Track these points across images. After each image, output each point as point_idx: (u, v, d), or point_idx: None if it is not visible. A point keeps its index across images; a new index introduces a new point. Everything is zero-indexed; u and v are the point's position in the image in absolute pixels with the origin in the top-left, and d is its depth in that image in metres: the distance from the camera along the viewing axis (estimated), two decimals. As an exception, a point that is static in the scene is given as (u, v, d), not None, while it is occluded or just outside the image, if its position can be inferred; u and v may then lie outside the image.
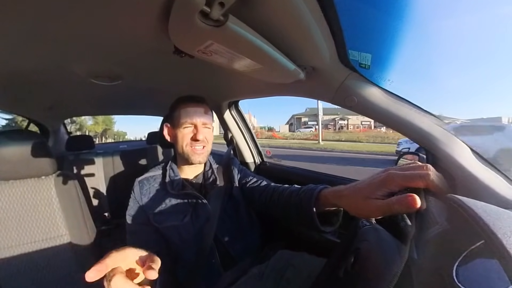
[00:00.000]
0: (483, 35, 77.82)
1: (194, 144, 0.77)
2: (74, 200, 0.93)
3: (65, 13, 0.44)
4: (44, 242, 0.85)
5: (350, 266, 0.49)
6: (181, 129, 0.77)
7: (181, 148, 0.78)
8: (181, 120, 0.77)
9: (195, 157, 0.78)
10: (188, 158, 0.78)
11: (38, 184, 0.89)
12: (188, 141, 0.77)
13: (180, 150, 0.79)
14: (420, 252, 0.34)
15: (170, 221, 0.76)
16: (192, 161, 0.78)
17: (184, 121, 0.77)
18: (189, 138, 0.77)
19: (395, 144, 9.80)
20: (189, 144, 0.77)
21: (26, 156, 0.82)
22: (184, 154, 0.78)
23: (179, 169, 0.85)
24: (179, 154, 0.82)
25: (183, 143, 0.77)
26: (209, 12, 0.38)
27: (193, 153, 0.77)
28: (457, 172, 0.54)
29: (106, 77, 0.86)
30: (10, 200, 0.84)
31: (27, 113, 1.53)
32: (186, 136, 0.77)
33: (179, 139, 0.78)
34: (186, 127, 0.77)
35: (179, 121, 0.77)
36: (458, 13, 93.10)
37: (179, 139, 0.78)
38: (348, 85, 0.67)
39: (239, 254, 0.82)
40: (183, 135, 0.77)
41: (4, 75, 0.77)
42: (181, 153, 0.79)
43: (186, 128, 0.77)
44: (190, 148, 0.77)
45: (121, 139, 24.81)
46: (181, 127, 0.77)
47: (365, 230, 0.56)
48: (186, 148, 0.77)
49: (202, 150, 0.79)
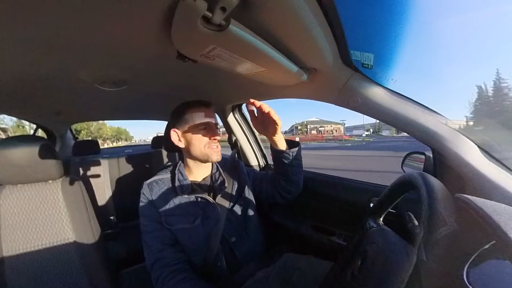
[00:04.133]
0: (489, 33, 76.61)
1: (211, 144, 0.80)
2: (80, 204, 0.95)
3: (70, 21, 0.45)
4: (51, 245, 0.86)
5: (358, 269, 0.48)
6: (197, 131, 0.79)
7: (198, 149, 0.79)
8: (196, 122, 0.79)
9: (214, 156, 0.80)
10: (208, 157, 0.80)
11: (45, 188, 0.91)
12: (206, 141, 0.79)
13: (197, 152, 0.80)
14: (429, 253, 0.33)
15: (181, 224, 0.77)
16: (211, 159, 0.81)
17: (200, 122, 0.79)
18: (207, 139, 0.79)
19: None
20: (207, 144, 0.79)
21: (34, 160, 0.83)
22: (203, 154, 0.80)
23: (187, 172, 0.85)
24: (194, 157, 0.82)
25: (202, 144, 0.79)
26: (211, 17, 0.39)
27: (212, 152, 0.80)
28: (465, 171, 0.53)
29: (112, 83, 0.88)
30: (18, 203, 0.86)
31: (35, 118, 1.56)
32: (204, 138, 0.79)
33: (196, 141, 0.79)
34: (202, 128, 0.79)
35: (194, 124, 0.79)
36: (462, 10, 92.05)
37: (195, 141, 0.79)
38: (351, 85, 0.67)
39: (245, 256, 0.82)
40: (201, 137, 0.79)
41: (13, 82, 0.79)
42: (198, 155, 0.80)
43: (202, 129, 0.79)
44: (208, 148, 0.80)
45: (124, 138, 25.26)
46: (196, 128, 0.79)
47: (372, 232, 0.55)
48: (205, 148, 0.79)
49: (218, 149, 0.82)
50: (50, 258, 0.85)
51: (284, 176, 0.84)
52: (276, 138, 0.76)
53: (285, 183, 0.86)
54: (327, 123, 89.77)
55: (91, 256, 0.91)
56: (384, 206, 0.60)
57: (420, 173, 0.45)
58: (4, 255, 0.80)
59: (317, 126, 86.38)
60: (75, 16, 0.44)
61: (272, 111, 0.65)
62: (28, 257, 0.82)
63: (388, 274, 0.39)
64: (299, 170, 0.84)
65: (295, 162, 0.81)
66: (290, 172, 0.83)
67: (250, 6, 0.41)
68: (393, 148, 17.34)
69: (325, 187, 1.10)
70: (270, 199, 0.93)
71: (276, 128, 0.71)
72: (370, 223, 0.59)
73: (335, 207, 1.03)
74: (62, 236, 0.88)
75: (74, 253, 0.88)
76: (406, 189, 0.53)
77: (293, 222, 1.13)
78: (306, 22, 0.45)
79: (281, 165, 0.82)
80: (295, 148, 0.80)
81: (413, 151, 0.80)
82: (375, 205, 0.63)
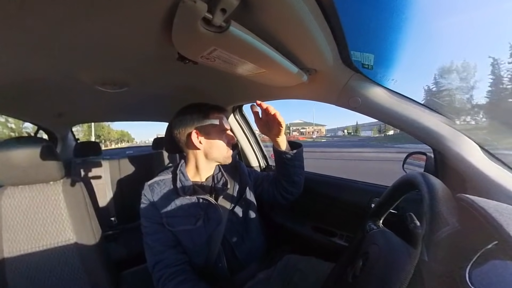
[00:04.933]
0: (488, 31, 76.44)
1: (229, 147, 0.85)
2: (81, 205, 0.95)
3: (72, 23, 0.46)
4: (52, 247, 0.86)
5: (359, 270, 0.48)
6: (220, 135, 0.82)
7: (219, 152, 0.82)
8: (222, 127, 0.82)
9: (230, 159, 0.86)
10: (226, 160, 0.85)
11: (47, 189, 0.91)
12: (226, 145, 0.84)
13: (217, 155, 0.82)
14: (430, 254, 0.33)
15: (183, 225, 0.77)
16: (227, 161, 0.86)
17: (224, 128, 0.83)
18: (227, 142, 0.84)
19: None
20: (227, 148, 0.84)
21: (35, 162, 0.84)
22: (224, 158, 0.84)
23: (188, 173, 0.85)
24: (212, 158, 0.84)
25: (224, 148, 0.83)
26: (211, 18, 0.39)
27: (229, 155, 0.85)
28: (467, 171, 0.53)
29: (113, 84, 0.88)
30: (19, 204, 0.86)
31: (36, 120, 1.57)
32: (225, 141, 0.83)
33: (219, 144, 0.82)
34: (226, 133, 0.84)
35: (219, 128, 0.82)
36: (462, 10, 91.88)
37: (219, 144, 0.82)
38: (352, 86, 0.66)
39: (246, 257, 0.81)
40: (224, 140, 0.83)
41: (14, 84, 0.80)
42: (218, 157, 0.83)
43: (225, 134, 0.84)
44: (228, 152, 0.84)
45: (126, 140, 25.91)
46: (221, 133, 0.83)
47: (374, 233, 0.55)
48: (227, 152, 0.84)
49: (231, 152, 0.86)
50: (51, 259, 0.85)
51: (286, 176, 0.85)
52: (279, 140, 0.78)
53: (286, 183, 0.86)
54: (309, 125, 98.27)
55: (91, 257, 0.91)
56: (385, 207, 0.60)
57: (421, 173, 0.45)
58: (5, 256, 0.80)
59: (299, 128, 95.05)
60: (75, 18, 0.44)
61: (278, 113, 0.68)
62: (29, 258, 0.83)
63: (389, 275, 0.39)
64: (300, 171, 0.85)
65: (297, 163, 0.82)
66: (291, 173, 0.84)
67: (250, 8, 0.42)
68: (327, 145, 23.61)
69: (326, 188, 1.10)
70: (271, 200, 0.93)
71: (280, 129, 0.74)
72: (371, 225, 0.59)
73: (336, 208, 1.02)
74: (63, 237, 0.88)
75: (74, 254, 0.88)
76: (407, 190, 0.52)
77: (294, 223, 1.13)
78: (306, 23, 0.45)
79: (283, 166, 0.83)
80: (296, 150, 0.81)
81: (414, 151, 0.80)
82: (376, 206, 0.63)
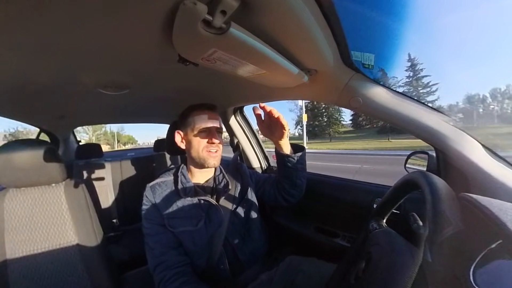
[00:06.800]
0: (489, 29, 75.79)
1: (210, 148, 0.80)
2: (83, 207, 0.95)
3: (73, 26, 0.46)
4: (54, 248, 0.87)
5: (362, 271, 0.48)
6: (197, 134, 0.79)
7: (196, 152, 0.80)
8: (197, 125, 0.79)
9: (211, 161, 0.80)
10: (204, 162, 0.80)
11: (49, 192, 0.91)
12: (204, 145, 0.79)
13: (196, 155, 0.80)
14: (434, 254, 0.33)
15: (184, 226, 0.77)
16: (208, 164, 0.80)
17: (199, 126, 0.79)
18: (205, 142, 0.80)
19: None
20: (205, 148, 0.80)
21: (37, 164, 0.84)
22: (200, 158, 0.80)
23: (190, 174, 0.86)
24: (193, 159, 0.83)
25: (200, 147, 0.79)
26: (212, 20, 0.39)
27: (209, 156, 0.80)
28: (469, 170, 0.53)
29: (114, 87, 0.88)
30: (21, 206, 0.86)
31: (38, 123, 1.58)
32: (202, 141, 0.79)
33: (195, 144, 0.80)
34: (202, 132, 0.80)
35: (195, 127, 0.80)
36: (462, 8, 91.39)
37: (194, 144, 0.80)
38: (353, 86, 0.66)
39: (247, 259, 0.81)
40: (199, 139, 0.79)
41: (16, 87, 0.80)
42: (196, 158, 0.81)
43: (202, 133, 0.80)
44: (206, 152, 0.80)
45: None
46: (197, 132, 0.79)
47: (376, 234, 0.55)
48: (203, 152, 0.79)
49: (216, 154, 0.82)
50: (53, 260, 0.85)
51: (288, 179, 0.85)
52: (282, 143, 0.77)
53: (288, 186, 0.86)
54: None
55: (93, 259, 0.91)
56: (388, 207, 0.60)
57: (423, 172, 0.45)
58: (7, 257, 0.80)
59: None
60: (77, 21, 0.44)
61: (281, 116, 0.67)
62: (31, 259, 0.83)
63: (392, 275, 0.38)
64: (302, 174, 0.85)
65: (299, 166, 0.82)
66: (294, 176, 0.83)
67: (250, 9, 0.42)
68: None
69: (328, 188, 1.09)
70: (272, 202, 0.93)
71: (283, 132, 0.73)
72: (373, 225, 0.59)
73: (338, 208, 1.02)
74: (65, 239, 0.89)
75: (76, 256, 0.88)
76: (410, 190, 0.52)
77: (296, 224, 1.12)
78: (306, 23, 0.45)
79: (285, 169, 0.82)
80: (299, 153, 0.81)
81: (416, 150, 0.80)
82: (379, 206, 0.62)
